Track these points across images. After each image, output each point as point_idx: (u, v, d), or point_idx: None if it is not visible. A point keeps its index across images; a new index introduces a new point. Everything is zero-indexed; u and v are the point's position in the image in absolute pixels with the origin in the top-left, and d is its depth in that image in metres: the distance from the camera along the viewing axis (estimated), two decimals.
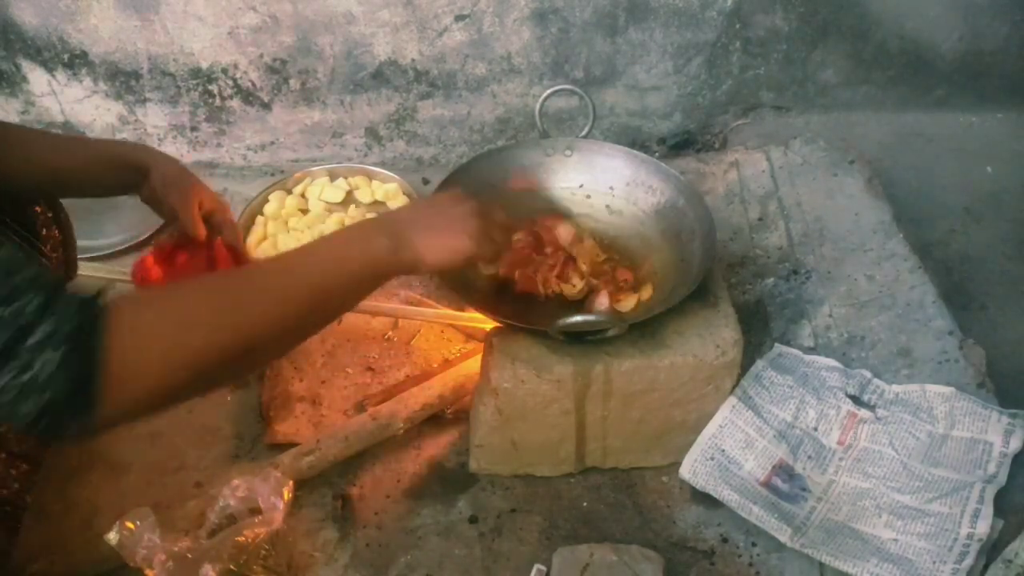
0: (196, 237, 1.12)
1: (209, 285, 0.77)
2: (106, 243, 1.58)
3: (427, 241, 0.88)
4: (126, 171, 1.11)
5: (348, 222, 1.55)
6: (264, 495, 1.03)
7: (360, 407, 1.25)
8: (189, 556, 0.97)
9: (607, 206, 1.31)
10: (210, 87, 1.74)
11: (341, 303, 0.85)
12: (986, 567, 1.02)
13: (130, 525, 0.97)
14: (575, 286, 1.17)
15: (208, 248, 1.16)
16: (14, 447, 1.03)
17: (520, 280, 1.17)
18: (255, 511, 1.04)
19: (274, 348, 0.80)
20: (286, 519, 1.03)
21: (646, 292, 1.18)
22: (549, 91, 1.31)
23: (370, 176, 1.69)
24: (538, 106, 1.31)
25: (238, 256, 1.19)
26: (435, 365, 1.31)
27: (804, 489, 1.12)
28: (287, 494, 1.04)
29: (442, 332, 1.37)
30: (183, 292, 0.74)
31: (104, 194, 1.15)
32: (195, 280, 0.77)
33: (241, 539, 1.00)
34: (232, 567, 0.99)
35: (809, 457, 1.15)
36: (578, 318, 1.06)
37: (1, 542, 0.99)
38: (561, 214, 1.27)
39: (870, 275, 1.38)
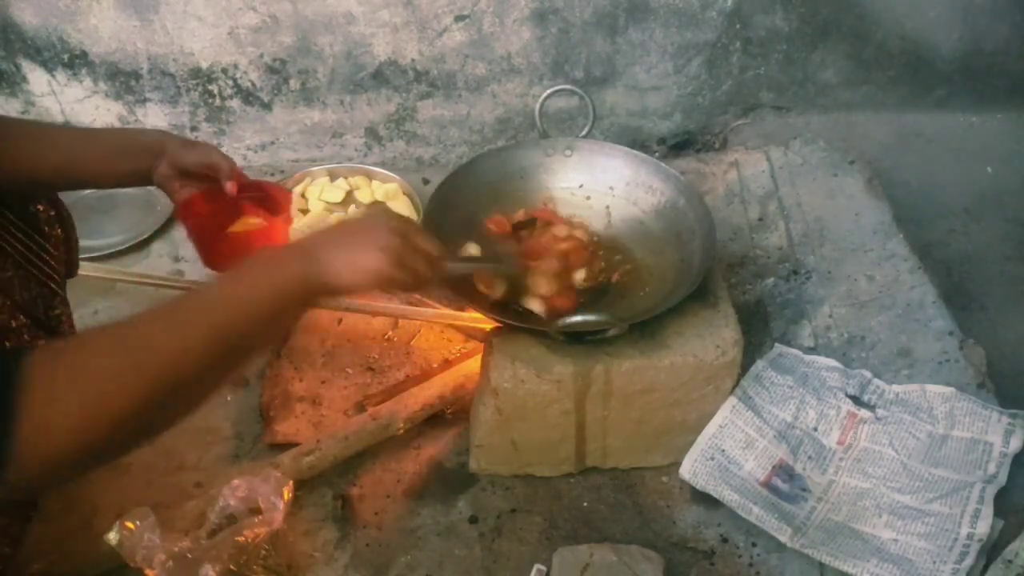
0: (230, 178, 1.11)
1: (119, 334, 0.72)
2: (106, 243, 1.58)
3: (339, 260, 0.84)
4: (139, 154, 1.09)
5: None
6: (264, 495, 1.03)
7: (360, 407, 1.25)
8: (189, 556, 0.97)
9: (607, 206, 1.31)
10: (210, 87, 1.74)
11: (258, 335, 0.80)
12: (986, 567, 1.02)
13: (130, 525, 0.97)
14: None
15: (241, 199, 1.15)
16: None
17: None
18: (255, 511, 1.04)
19: (196, 391, 0.75)
20: (286, 519, 1.03)
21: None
22: (549, 91, 1.31)
23: (370, 176, 1.69)
24: (538, 106, 1.31)
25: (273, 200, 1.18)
26: (435, 365, 1.31)
27: (804, 489, 1.12)
28: (287, 494, 1.04)
29: (442, 332, 1.37)
30: (92, 344, 0.70)
31: (116, 184, 1.13)
32: (104, 330, 0.73)
33: (241, 539, 1.00)
34: (232, 567, 0.99)
35: (809, 457, 1.15)
36: (578, 318, 1.06)
37: (13, 534, 0.98)
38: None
39: (870, 275, 1.38)
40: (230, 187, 1.11)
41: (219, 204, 1.14)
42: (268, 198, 1.18)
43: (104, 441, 0.67)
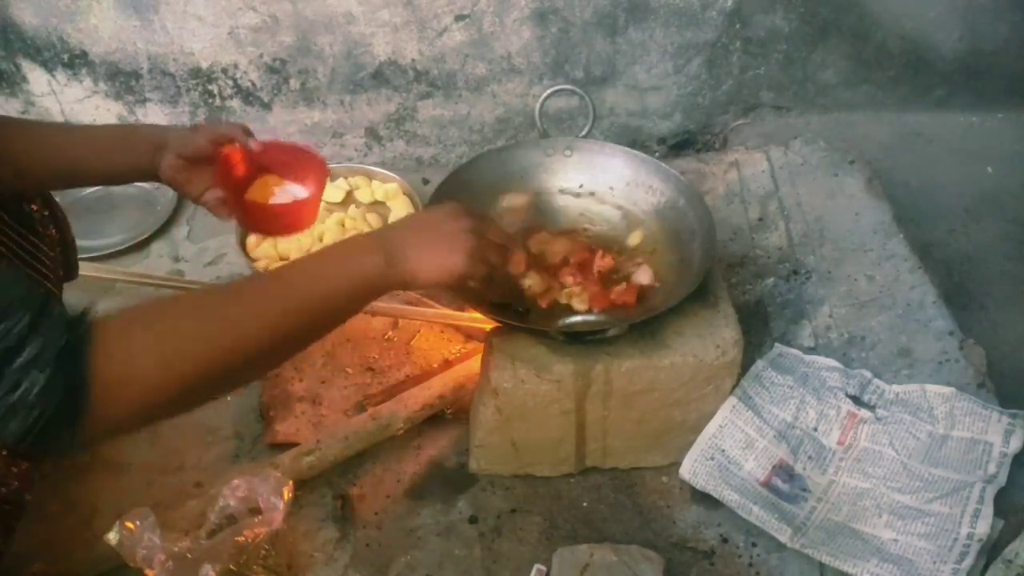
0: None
1: (197, 302, 0.76)
2: (106, 243, 1.58)
3: (420, 258, 0.86)
4: (140, 148, 1.06)
5: (348, 222, 1.55)
6: (264, 495, 1.03)
7: (360, 407, 1.25)
8: (189, 556, 0.97)
9: (607, 206, 1.31)
10: (210, 87, 1.74)
11: (332, 320, 0.83)
12: (986, 567, 1.02)
13: (130, 525, 0.97)
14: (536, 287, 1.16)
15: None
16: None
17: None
18: (255, 511, 1.04)
19: (262, 365, 0.80)
20: (286, 519, 1.03)
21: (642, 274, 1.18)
22: (549, 91, 1.31)
23: (370, 176, 1.69)
24: (538, 106, 1.31)
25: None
26: (435, 365, 1.31)
27: (804, 489, 1.11)
28: (287, 494, 1.04)
29: (442, 332, 1.37)
30: (170, 310, 0.73)
31: (118, 179, 1.12)
32: (183, 297, 0.76)
33: (241, 539, 1.00)
34: (232, 567, 0.99)
35: (809, 457, 1.15)
36: (578, 318, 1.06)
37: (9, 523, 0.98)
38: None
39: (870, 275, 1.39)
40: (256, 145, 1.08)
41: (248, 168, 1.13)
42: (301, 164, 1.15)
43: (171, 401, 0.70)
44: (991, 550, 1.03)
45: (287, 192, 1.15)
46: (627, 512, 1.14)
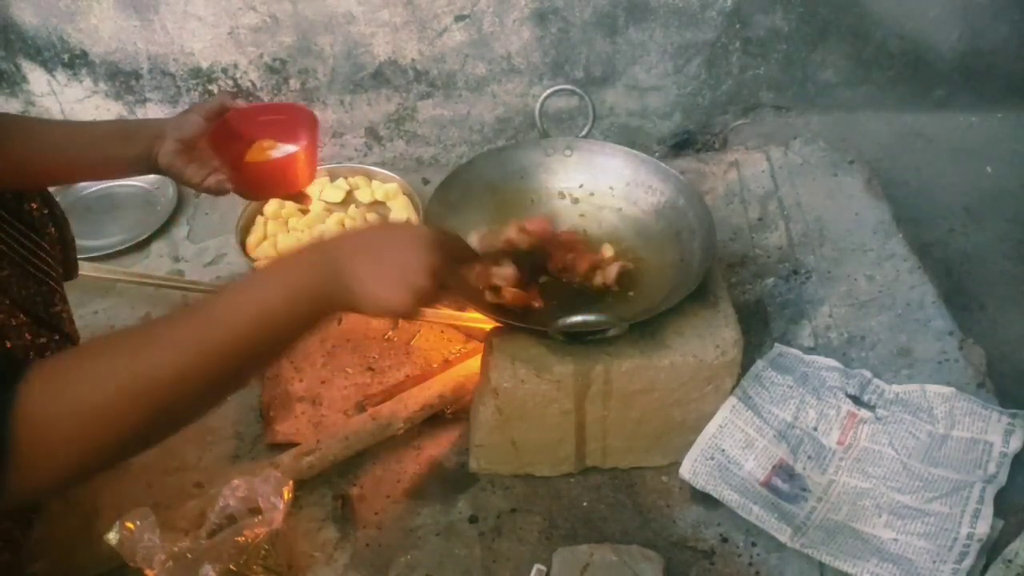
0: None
1: (121, 348, 0.69)
2: (106, 243, 1.58)
3: (366, 290, 0.78)
4: (139, 140, 1.06)
5: (348, 222, 1.55)
6: (264, 495, 1.03)
7: (360, 407, 1.25)
8: (189, 556, 0.97)
9: (607, 206, 1.31)
10: (210, 87, 1.74)
11: (269, 350, 0.77)
12: (986, 567, 1.02)
13: (130, 525, 0.97)
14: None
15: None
16: None
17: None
18: (255, 511, 1.04)
19: (198, 405, 0.73)
20: (286, 519, 1.03)
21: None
22: (549, 91, 1.31)
23: (370, 176, 1.69)
24: (538, 106, 1.31)
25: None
26: (435, 365, 1.31)
27: (804, 489, 1.12)
28: (287, 494, 1.04)
29: (442, 332, 1.37)
30: (96, 359, 0.68)
31: (117, 173, 1.12)
32: (108, 342, 0.70)
33: (241, 539, 1.00)
34: (232, 567, 0.99)
35: (809, 457, 1.15)
36: (578, 318, 1.06)
37: (15, 537, 0.98)
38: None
39: (870, 275, 1.39)
40: (240, 104, 1.10)
41: (241, 135, 1.14)
42: (290, 121, 1.16)
43: (103, 458, 0.66)
44: (991, 550, 1.03)
45: (283, 151, 1.15)
46: (627, 512, 1.14)
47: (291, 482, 1.06)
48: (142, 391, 0.66)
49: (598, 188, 1.31)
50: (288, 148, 1.16)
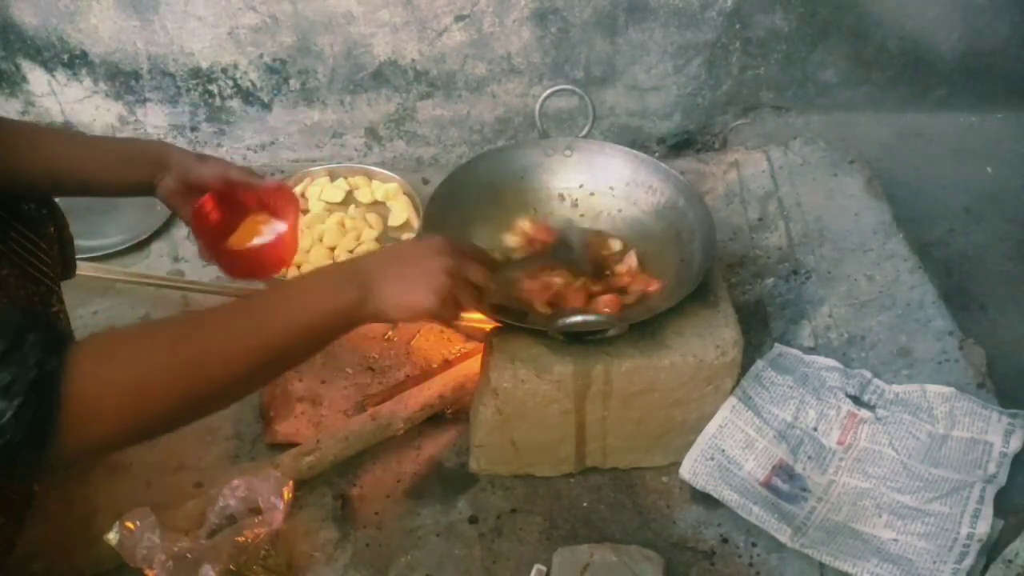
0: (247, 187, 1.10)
1: (170, 333, 0.75)
2: (106, 243, 1.58)
3: (393, 295, 0.86)
4: (143, 166, 1.08)
5: (348, 222, 1.55)
6: (264, 495, 1.03)
7: (360, 407, 1.25)
8: (189, 556, 0.97)
9: (607, 206, 1.31)
10: (210, 87, 1.74)
11: (303, 351, 0.84)
12: (986, 567, 1.02)
13: (130, 525, 0.97)
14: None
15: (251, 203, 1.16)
16: None
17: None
18: (255, 511, 1.04)
19: (234, 394, 0.80)
20: (286, 519, 1.03)
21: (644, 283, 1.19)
22: (549, 91, 1.31)
23: (370, 176, 1.69)
24: (538, 106, 1.31)
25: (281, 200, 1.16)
26: (435, 365, 1.31)
27: (804, 489, 1.12)
28: (287, 494, 1.04)
29: (442, 332, 1.37)
30: (145, 339, 0.74)
31: (116, 193, 1.12)
32: (156, 328, 0.77)
33: (241, 539, 1.00)
34: (232, 567, 0.99)
35: (809, 457, 1.15)
36: (578, 318, 1.06)
37: (8, 534, 0.98)
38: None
39: (870, 275, 1.39)
40: (247, 182, 1.11)
41: (229, 210, 1.14)
42: (274, 199, 1.16)
43: (140, 431, 0.72)
44: (991, 550, 1.03)
45: (273, 229, 1.16)
46: (627, 512, 1.14)
47: (291, 482, 1.06)
48: (189, 371, 0.72)
49: (598, 188, 1.31)
50: (277, 225, 1.16)
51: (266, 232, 1.16)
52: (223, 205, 1.14)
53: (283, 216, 1.16)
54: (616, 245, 1.25)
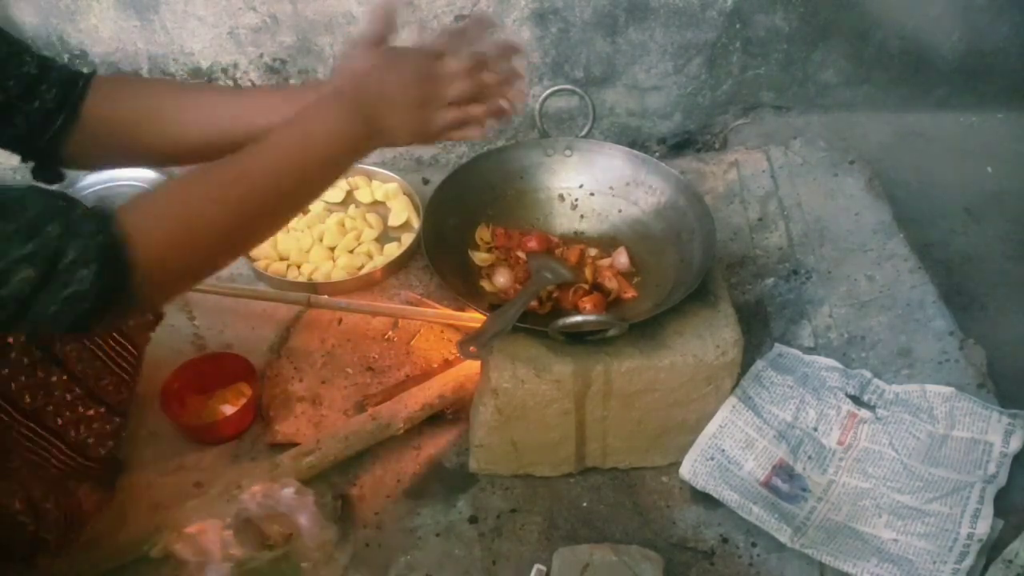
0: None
1: (206, 179, 0.82)
2: None
3: (391, 126, 0.91)
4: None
5: (348, 222, 1.55)
6: (288, 505, 1.04)
7: (360, 407, 1.25)
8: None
9: (607, 206, 1.31)
10: None
11: (321, 181, 0.90)
12: (986, 567, 1.02)
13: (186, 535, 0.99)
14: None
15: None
16: (111, 398, 1.06)
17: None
18: (273, 518, 1.04)
19: (268, 226, 0.88)
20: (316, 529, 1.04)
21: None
22: (549, 91, 1.31)
23: (370, 176, 1.68)
24: (538, 106, 1.31)
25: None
26: (435, 365, 1.31)
27: (804, 489, 1.12)
28: (312, 506, 1.05)
29: (442, 332, 1.37)
30: (185, 189, 0.80)
31: None
32: (191, 177, 0.82)
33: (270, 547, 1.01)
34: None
35: (809, 457, 1.15)
36: (578, 318, 1.06)
37: (100, 501, 1.05)
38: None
39: (870, 275, 1.39)
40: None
41: (189, 393, 1.25)
42: (232, 371, 1.28)
43: (199, 270, 0.82)
44: (991, 550, 1.03)
45: (240, 392, 1.27)
46: (627, 512, 1.14)
47: (312, 494, 1.06)
48: (229, 210, 0.79)
49: (598, 188, 1.31)
50: (242, 386, 1.28)
51: (235, 396, 1.27)
52: (191, 382, 1.25)
53: (247, 378, 1.27)
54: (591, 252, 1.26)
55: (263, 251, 1.51)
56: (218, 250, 0.82)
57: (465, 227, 1.26)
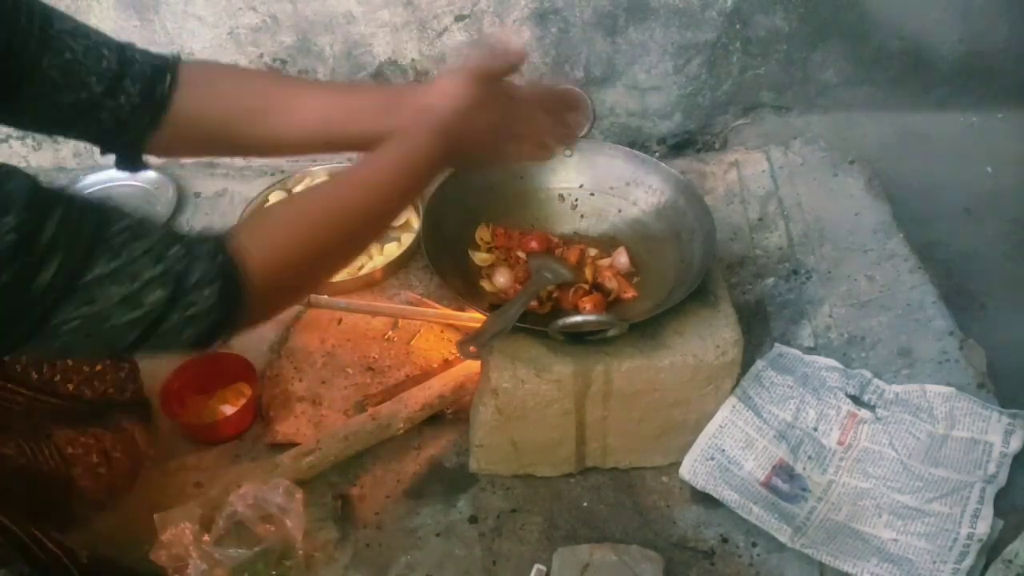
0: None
1: (319, 202, 0.86)
2: None
3: (475, 159, 1.02)
4: (405, 112, 0.98)
5: None
6: (274, 503, 1.03)
7: (360, 407, 1.25)
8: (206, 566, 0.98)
9: (607, 206, 1.31)
10: None
11: (407, 205, 1.01)
12: (986, 567, 1.02)
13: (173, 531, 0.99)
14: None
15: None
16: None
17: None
18: (266, 519, 1.03)
19: (362, 248, 0.98)
20: (302, 531, 1.04)
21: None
22: None
23: None
24: None
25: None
26: (435, 365, 1.31)
27: (804, 489, 1.12)
28: (299, 505, 1.04)
29: (442, 332, 1.37)
30: (297, 212, 0.84)
31: (374, 146, 0.94)
32: (303, 198, 0.89)
33: (257, 548, 1.00)
34: None
35: (809, 457, 1.15)
36: (578, 318, 1.06)
37: (148, 436, 1.10)
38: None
39: (870, 275, 1.39)
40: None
41: (190, 394, 1.26)
42: (232, 371, 1.29)
43: (309, 285, 0.90)
44: (991, 550, 1.03)
45: (240, 392, 1.28)
46: (627, 512, 1.14)
47: (301, 492, 1.05)
48: (336, 229, 0.83)
49: (598, 188, 1.31)
50: (241, 386, 1.29)
51: (235, 396, 1.28)
52: (191, 382, 1.26)
53: (248, 378, 1.28)
54: (592, 252, 1.26)
55: None
56: (322, 270, 0.87)
57: (465, 227, 1.26)
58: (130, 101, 0.89)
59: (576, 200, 1.32)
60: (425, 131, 0.91)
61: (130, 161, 0.95)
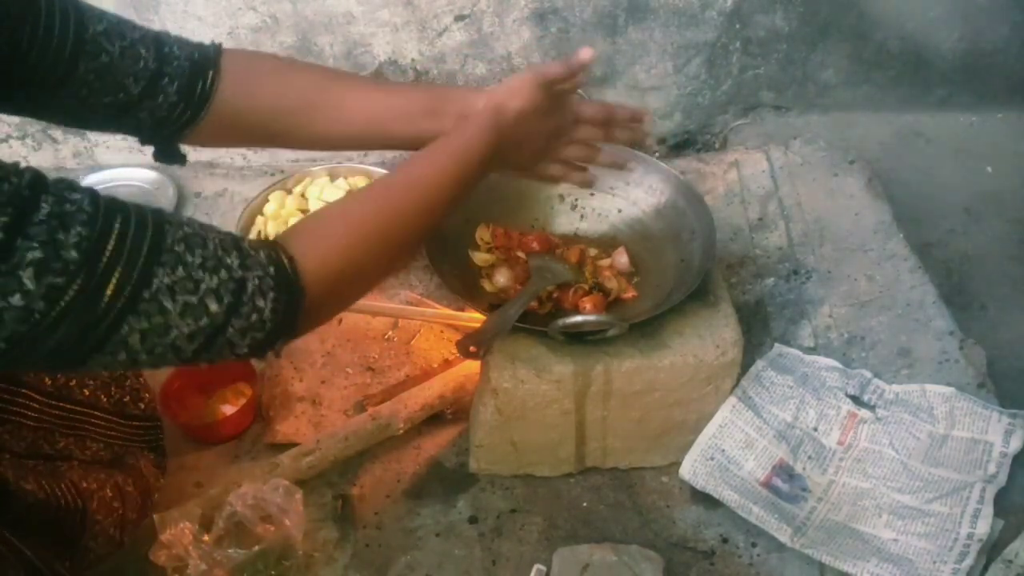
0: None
1: (370, 207, 0.84)
2: None
3: (516, 161, 1.01)
4: (447, 115, 0.99)
5: None
6: (275, 504, 1.03)
7: (360, 407, 1.25)
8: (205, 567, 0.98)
9: (606, 207, 1.31)
10: None
11: (462, 199, 0.93)
12: (986, 567, 1.02)
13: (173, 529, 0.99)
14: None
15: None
16: None
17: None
18: (265, 519, 1.03)
19: (411, 253, 1.02)
20: (303, 532, 1.04)
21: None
22: None
23: (370, 176, 1.68)
24: None
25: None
26: (435, 365, 1.31)
27: (804, 489, 1.12)
28: (298, 505, 1.04)
29: (442, 332, 1.37)
30: (349, 218, 0.82)
31: (417, 146, 0.96)
32: (354, 204, 0.85)
33: (257, 549, 1.00)
34: None
35: (809, 457, 1.15)
36: (578, 318, 1.06)
37: (158, 468, 1.09)
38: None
39: (870, 275, 1.39)
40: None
41: (189, 395, 1.26)
42: (231, 374, 1.29)
43: (362, 290, 0.86)
44: (991, 550, 1.03)
45: (240, 392, 1.28)
46: (627, 512, 1.14)
47: (300, 492, 1.05)
48: (390, 239, 0.83)
49: (598, 188, 1.31)
50: (241, 386, 1.29)
51: (234, 396, 1.28)
52: (191, 382, 1.26)
53: (247, 377, 1.28)
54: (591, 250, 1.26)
55: None
56: (375, 274, 0.86)
57: (465, 227, 1.26)
58: (168, 100, 0.88)
59: (576, 200, 1.32)
60: (484, 129, 0.92)
61: (168, 154, 0.95)
